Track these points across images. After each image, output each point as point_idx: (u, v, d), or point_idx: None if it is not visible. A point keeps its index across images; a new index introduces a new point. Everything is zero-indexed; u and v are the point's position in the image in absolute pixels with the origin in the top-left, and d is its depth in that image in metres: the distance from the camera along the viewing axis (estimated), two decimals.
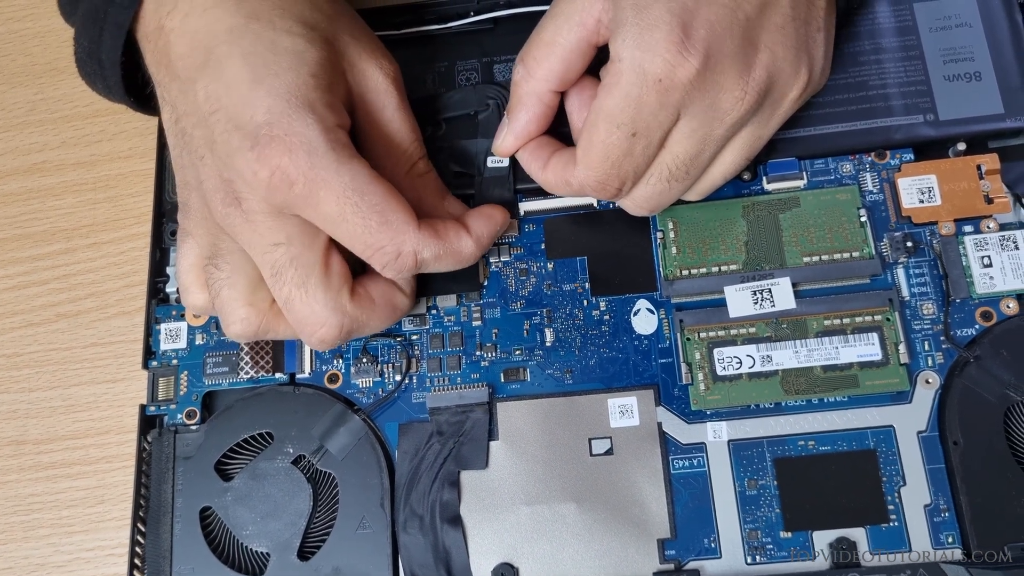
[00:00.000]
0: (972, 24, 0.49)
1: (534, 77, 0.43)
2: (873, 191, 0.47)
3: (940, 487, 0.42)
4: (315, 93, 0.40)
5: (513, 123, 0.45)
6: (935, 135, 0.47)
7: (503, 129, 0.46)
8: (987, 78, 0.48)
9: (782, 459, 0.43)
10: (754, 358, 0.45)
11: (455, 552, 0.43)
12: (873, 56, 0.49)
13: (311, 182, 0.38)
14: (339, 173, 0.39)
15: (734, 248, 0.46)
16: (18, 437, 0.50)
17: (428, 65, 0.52)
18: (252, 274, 0.42)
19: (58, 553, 0.48)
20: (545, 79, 0.43)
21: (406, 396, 0.46)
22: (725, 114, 0.41)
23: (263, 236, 0.40)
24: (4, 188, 0.55)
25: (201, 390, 0.47)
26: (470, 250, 0.43)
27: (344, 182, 0.39)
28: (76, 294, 0.52)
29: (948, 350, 0.44)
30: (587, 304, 0.47)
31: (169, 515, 0.45)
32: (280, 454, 0.46)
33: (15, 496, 0.49)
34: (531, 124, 0.45)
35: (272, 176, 0.38)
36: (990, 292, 0.45)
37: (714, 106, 0.40)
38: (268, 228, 0.40)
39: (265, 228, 0.40)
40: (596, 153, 0.41)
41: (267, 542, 0.44)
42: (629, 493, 0.44)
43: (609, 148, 0.41)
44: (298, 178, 0.38)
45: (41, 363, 0.51)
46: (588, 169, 0.42)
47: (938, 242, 0.46)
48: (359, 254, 0.41)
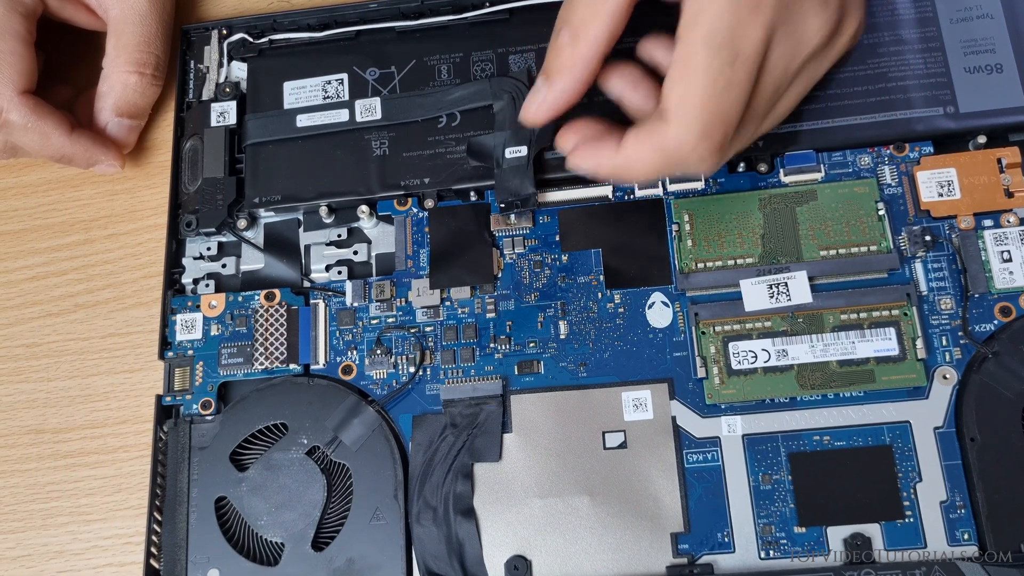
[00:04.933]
0: (993, 15, 0.48)
1: (582, 40, 0.41)
2: (891, 184, 0.47)
3: (957, 484, 0.42)
4: None
5: (554, 88, 0.42)
6: (955, 128, 0.47)
7: (539, 95, 0.43)
8: (1008, 70, 0.47)
9: (797, 454, 0.43)
10: (769, 352, 0.44)
11: (468, 544, 0.43)
12: (893, 47, 0.48)
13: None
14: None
15: (750, 241, 0.46)
16: (37, 426, 0.51)
17: (443, 56, 0.52)
18: None
19: (76, 541, 0.48)
20: (596, 41, 0.41)
21: (420, 388, 0.47)
22: (810, 39, 0.40)
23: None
24: (24, 179, 0.55)
25: (216, 381, 0.48)
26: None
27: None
28: (94, 284, 0.53)
29: (966, 345, 0.44)
30: (601, 297, 0.47)
31: (185, 504, 0.46)
32: (295, 445, 0.46)
33: (34, 484, 0.50)
34: (573, 93, 0.42)
35: None
36: (1009, 287, 0.44)
37: (799, 30, 0.40)
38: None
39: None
40: (697, 88, 0.38)
41: (282, 532, 0.45)
42: (642, 487, 0.43)
43: (711, 79, 0.38)
44: None
45: (60, 353, 0.52)
46: (687, 116, 0.38)
47: (957, 236, 0.45)
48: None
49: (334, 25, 0.53)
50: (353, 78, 0.52)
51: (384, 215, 0.50)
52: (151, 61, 0.52)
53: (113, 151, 0.52)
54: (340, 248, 0.50)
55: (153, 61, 0.52)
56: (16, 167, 0.56)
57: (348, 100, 0.51)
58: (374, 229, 0.50)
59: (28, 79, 0.50)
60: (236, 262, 0.51)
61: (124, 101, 0.52)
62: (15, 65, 0.49)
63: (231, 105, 0.52)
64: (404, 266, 0.49)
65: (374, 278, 0.49)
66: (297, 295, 0.49)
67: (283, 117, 0.51)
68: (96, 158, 0.52)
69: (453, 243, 0.48)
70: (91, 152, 0.51)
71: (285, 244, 0.50)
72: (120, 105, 0.52)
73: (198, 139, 0.52)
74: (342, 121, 0.51)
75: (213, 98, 0.53)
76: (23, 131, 0.50)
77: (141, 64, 0.51)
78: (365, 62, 0.52)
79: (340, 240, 0.50)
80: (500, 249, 0.48)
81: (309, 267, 0.50)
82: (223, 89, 0.53)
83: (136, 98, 0.52)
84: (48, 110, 0.50)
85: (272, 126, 0.51)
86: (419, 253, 0.49)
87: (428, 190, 0.49)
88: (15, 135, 0.50)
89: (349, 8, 0.53)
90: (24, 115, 0.49)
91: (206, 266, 0.51)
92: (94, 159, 0.52)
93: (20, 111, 0.49)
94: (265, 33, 0.54)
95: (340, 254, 0.50)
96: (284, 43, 0.53)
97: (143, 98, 0.52)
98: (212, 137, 0.52)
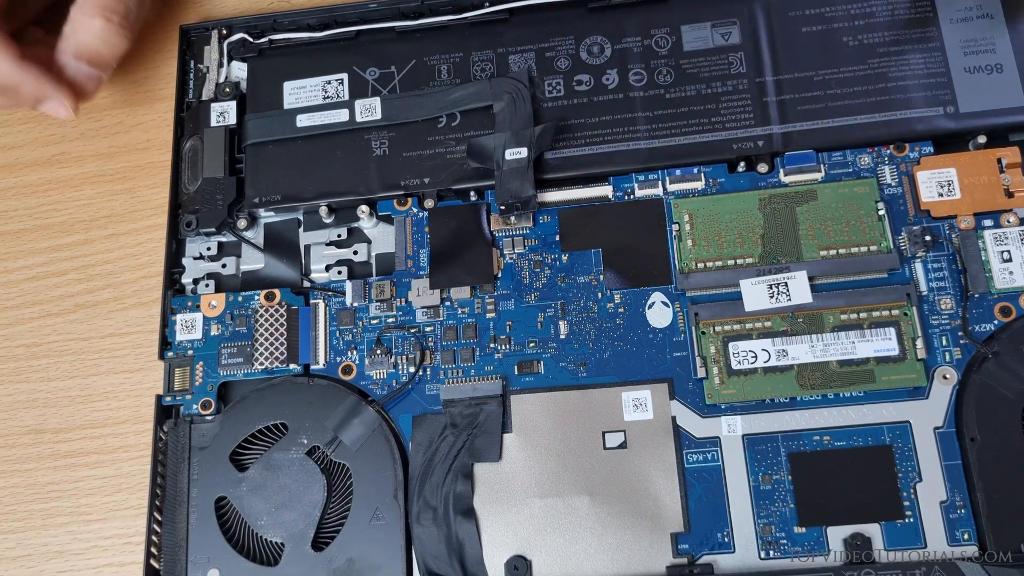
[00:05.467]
0: (993, 15, 0.48)
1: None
2: (891, 184, 0.47)
3: (956, 484, 0.42)
4: None
5: None
6: (955, 128, 0.47)
7: None
8: (1008, 70, 0.47)
9: (797, 454, 0.43)
10: (769, 352, 0.44)
11: (468, 544, 0.43)
12: (893, 47, 0.48)
13: None
14: None
15: (750, 241, 0.46)
16: (37, 426, 0.51)
17: (443, 56, 0.52)
18: None
19: (76, 541, 0.48)
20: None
21: (420, 388, 0.47)
22: None
23: None
24: (24, 179, 0.55)
25: (216, 381, 0.48)
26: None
27: None
28: (94, 284, 0.53)
29: (966, 345, 0.44)
30: (601, 297, 0.47)
31: (185, 504, 0.46)
32: (295, 445, 0.46)
33: (34, 484, 0.50)
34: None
35: None
36: (1009, 287, 0.44)
37: None
38: None
39: None
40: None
41: (282, 532, 0.45)
42: (642, 487, 0.43)
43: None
44: None
45: (60, 353, 0.52)
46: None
47: (957, 236, 0.45)
48: None
49: (334, 25, 0.53)
50: (353, 78, 0.52)
51: (384, 215, 0.50)
52: (120, 9, 0.49)
53: (65, 89, 0.49)
54: (340, 248, 0.50)
55: (122, 10, 0.49)
56: (16, 168, 0.56)
57: (348, 100, 0.51)
58: (374, 229, 0.50)
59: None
60: (236, 262, 0.51)
61: (86, 45, 0.49)
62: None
63: (231, 105, 0.52)
64: (404, 266, 0.49)
65: (374, 278, 0.49)
66: (297, 295, 0.49)
67: (283, 117, 0.51)
68: (45, 93, 0.49)
69: (453, 243, 0.48)
70: (40, 85, 0.48)
71: (285, 244, 0.50)
72: (81, 49, 0.49)
73: (198, 139, 0.52)
74: (342, 121, 0.51)
75: (213, 98, 0.53)
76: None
77: (108, 9, 0.49)
78: (365, 62, 0.52)
79: (340, 240, 0.50)
80: (500, 249, 0.48)
81: (309, 267, 0.50)
82: (223, 89, 0.53)
83: (98, 44, 0.49)
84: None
85: (272, 126, 0.51)
86: (419, 253, 0.49)
87: (428, 190, 0.49)
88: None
89: (349, 8, 0.53)
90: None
91: (206, 266, 0.51)
92: (43, 94, 0.49)
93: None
94: (265, 33, 0.54)
95: (340, 254, 0.50)
96: (284, 43, 0.53)
97: (106, 46, 0.50)
98: (212, 137, 0.52)
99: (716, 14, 0.50)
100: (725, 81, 0.49)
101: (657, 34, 0.51)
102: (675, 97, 0.49)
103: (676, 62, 0.50)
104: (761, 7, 0.50)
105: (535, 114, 0.49)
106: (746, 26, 0.50)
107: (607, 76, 0.50)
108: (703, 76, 0.49)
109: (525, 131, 0.48)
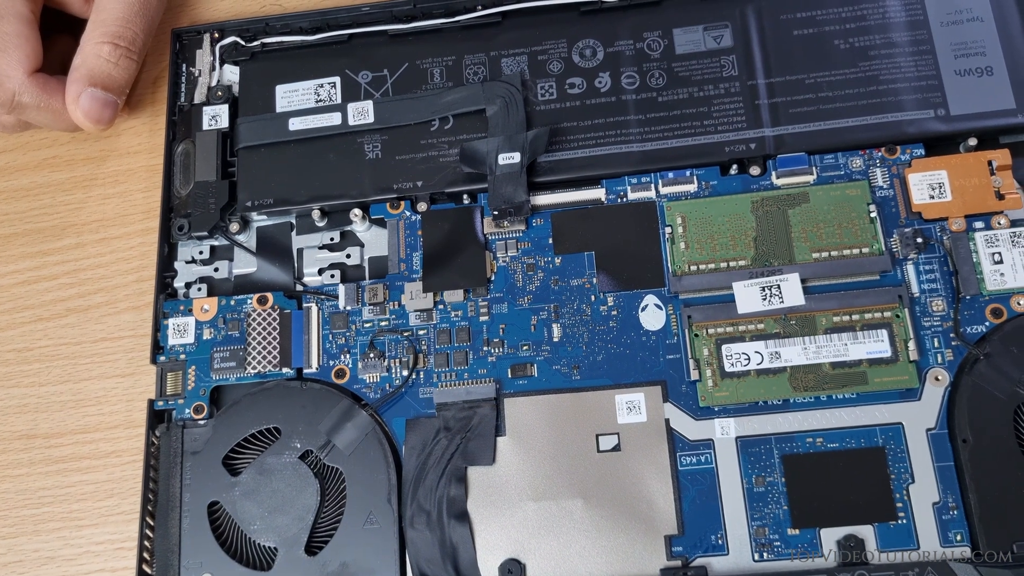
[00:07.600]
0: (984, 18, 0.48)
1: None
2: (883, 186, 0.47)
3: (949, 485, 0.42)
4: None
5: None
6: (946, 130, 0.47)
7: None
8: (999, 73, 0.47)
9: (790, 456, 0.43)
10: (762, 354, 0.44)
11: (462, 548, 0.43)
12: (884, 50, 0.48)
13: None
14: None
15: (743, 243, 0.46)
16: (28, 431, 0.50)
17: (435, 60, 0.52)
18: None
19: (68, 546, 0.48)
20: None
21: (413, 391, 0.46)
22: None
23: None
24: (15, 183, 0.55)
25: (209, 385, 0.48)
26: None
27: None
28: (86, 289, 0.52)
29: (958, 347, 0.44)
30: (595, 299, 0.47)
31: (177, 509, 0.45)
32: (287, 449, 0.46)
33: (25, 490, 0.49)
34: None
35: None
36: (1000, 289, 0.44)
37: None
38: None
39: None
40: None
41: (275, 537, 0.45)
42: (636, 489, 0.43)
43: None
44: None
45: (51, 358, 0.52)
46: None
47: (948, 238, 0.46)
48: None
49: (326, 28, 0.53)
50: (345, 81, 0.52)
51: (377, 218, 0.50)
52: (127, 35, 0.51)
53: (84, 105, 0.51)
54: (333, 251, 0.50)
55: (130, 35, 0.51)
56: (7, 172, 0.55)
57: (340, 103, 0.51)
58: (367, 232, 0.50)
59: (35, 59, 0.51)
60: (228, 266, 0.51)
61: (97, 70, 0.51)
62: (22, 47, 0.50)
63: (223, 108, 0.52)
64: (397, 269, 0.49)
65: (367, 281, 0.49)
66: (290, 299, 0.49)
67: (275, 120, 0.51)
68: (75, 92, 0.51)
69: (446, 246, 0.48)
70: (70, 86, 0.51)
71: (278, 248, 0.50)
72: (93, 74, 0.51)
73: (190, 143, 0.52)
74: (334, 124, 0.51)
75: (205, 101, 0.53)
76: (36, 111, 0.51)
77: (116, 36, 0.51)
78: (357, 65, 0.52)
79: (333, 243, 0.50)
80: (493, 252, 0.48)
81: (302, 271, 0.50)
82: (215, 92, 0.53)
83: (109, 68, 0.51)
84: (56, 87, 0.51)
85: (264, 129, 0.51)
86: (412, 256, 0.49)
87: (421, 193, 0.49)
88: (28, 114, 0.52)
89: (341, 11, 0.53)
90: (35, 96, 0.51)
91: (198, 270, 0.51)
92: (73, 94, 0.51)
93: (31, 92, 0.50)
94: (257, 36, 0.54)
95: (333, 257, 0.50)
96: (276, 46, 0.53)
97: (117, 69, 0.51)
98: (204, 140, 0.52)
99: (708, 17, 0.51)
100: (717, 84, 0.49)
101: (649, 37, 0.51)
102: (667, 100, 0.49)
103: (668, 65, 0.50)
104: (753, 10, 0.50)
105: (527, 117, 0.49)
106: (738, 29, 0.50)
107: (599, 79, 0.50)
108: (695, 79, 0.49)
109: (518, 136, 0.48)
